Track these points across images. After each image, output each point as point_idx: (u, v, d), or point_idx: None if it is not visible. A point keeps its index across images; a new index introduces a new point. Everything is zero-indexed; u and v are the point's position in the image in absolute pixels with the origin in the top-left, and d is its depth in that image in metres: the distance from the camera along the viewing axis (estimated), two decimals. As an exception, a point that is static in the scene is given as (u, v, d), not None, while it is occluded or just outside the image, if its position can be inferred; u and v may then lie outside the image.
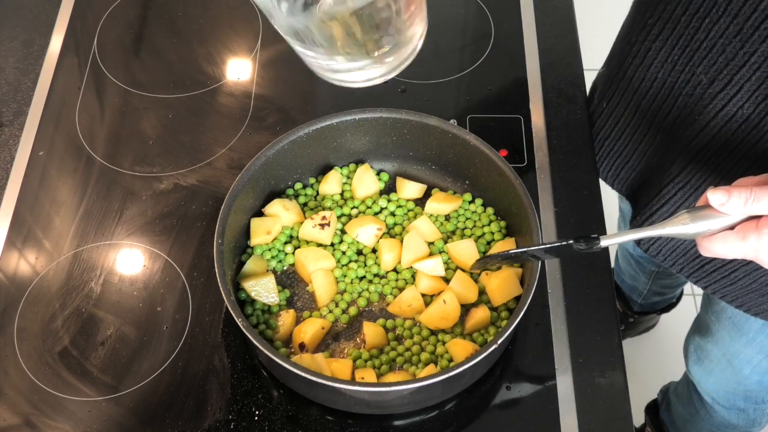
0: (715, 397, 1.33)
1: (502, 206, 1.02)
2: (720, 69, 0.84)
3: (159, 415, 0.92)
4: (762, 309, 1.03)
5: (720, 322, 1.19)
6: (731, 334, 1.18)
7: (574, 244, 0.79)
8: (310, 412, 0.92)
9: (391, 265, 0.99)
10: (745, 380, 1.23)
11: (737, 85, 0.83)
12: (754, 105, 0.82)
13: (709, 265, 1.02)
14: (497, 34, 1.26)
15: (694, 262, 1.03)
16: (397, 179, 1.06)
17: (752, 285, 0.99)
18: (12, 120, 1.16)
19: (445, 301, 0.93)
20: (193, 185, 1.10)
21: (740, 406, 1.31)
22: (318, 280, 0.97)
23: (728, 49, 0.82)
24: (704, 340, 1.26)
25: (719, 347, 1.22)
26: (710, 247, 0.70)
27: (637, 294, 1.67)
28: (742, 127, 0.85)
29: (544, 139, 1.14)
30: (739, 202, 0.67)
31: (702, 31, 0.84)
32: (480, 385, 0.94)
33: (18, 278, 1.02)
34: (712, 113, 0.87)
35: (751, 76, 0.81)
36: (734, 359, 1.21)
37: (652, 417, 1.64)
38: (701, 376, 1.32)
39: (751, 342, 1.15)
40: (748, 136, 0.85)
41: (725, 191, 0.67)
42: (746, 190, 0.67)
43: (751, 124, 0.84)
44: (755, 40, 0.78)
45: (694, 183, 0.95)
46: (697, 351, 1.29)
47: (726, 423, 1.37)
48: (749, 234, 0.67)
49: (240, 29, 1.27)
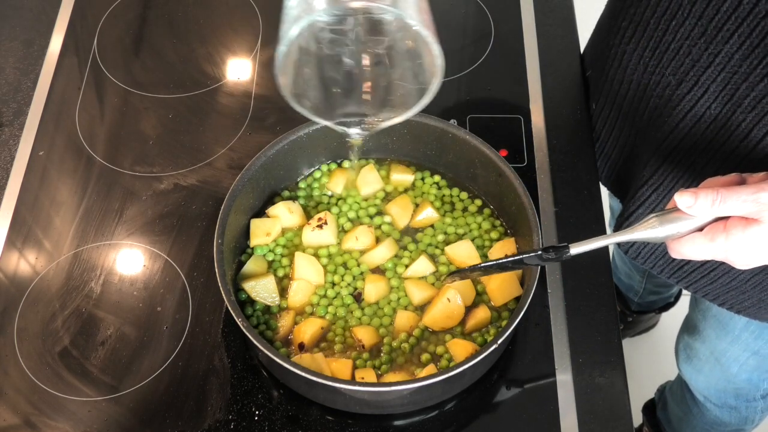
0: (707, 395, 1.34)
1: (502, 206, 1.02)
2: (687, 70, 0.84)
3: (159, 415, 0.92)
4: (744, 306, 1.03)
5: (706, 320, 1.20)
6: (717, 333, 1.18)
7: (543, 254, 0.79)
8: (310, 412, 0.92)
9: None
10: (734, 378, 1.23)
11: (704, 86, 0.83)
12: (720, 105, 0.83)
13: (687, 266, 1.02)
14: (497, 34, 1.26)
15: (673, 264, 1.04)
16: (392, 165, 1.06)
17: (732, 283, 1.00)
18: (12, 120, 1.16)
19: (449, 299, 0.93)
20: (193, 185, 1.10)
21: (732, 404, 1.31)
22: (301, 269, 0.97)
23: (694, 50, 0.82)
24: (692, 339, 1.26)
25: (707, 345, 1.23)
26: (679, 249, 0.71)
27: (634, 293, 1.67)
28: (710, 127, 0.86)
29: (544, 139, 1.14)
30: (706, 203, 0.67)
31: (669, 33, 0.85)
32: (480, 385, 0.94)
33: (18, 278, 1.02)
34: (682, 114, 0.87)
35: (716, 76, 0.82)
36: (722, 357, 1.21)
37: (649, 416, 1.65)
38: (691, 374, 1.33)
39: (737, 340, 1.15)
40: (716, 135, 0.85)
41: (692, 194, 0.68)
42: (713, 192, 0.67)
43: (719, 123, 0.84)
44: (719, 41, 0.79)
45: (668, 184, 0.95)
46: (686, 350, 1.30)
47: (719, 421, 1.37)
48: (717, 235, 0.68)
49: (240, 29, 1.27)
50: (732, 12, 0.76)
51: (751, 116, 0.82)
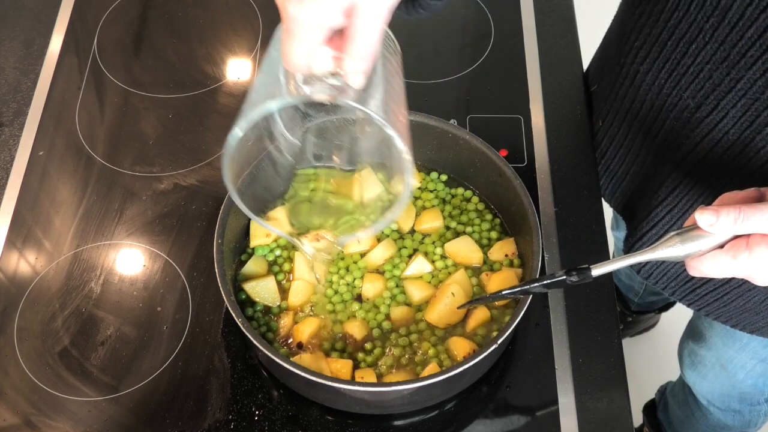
0: (711, 399, 1.33)
1: (502, 206, 1.02)
2: (707, 94, 0.83)
3: (159, 415, 0.92)
4: (757, 327, 1.02)
5: (713, 328, 1.19)
6: (724, 341, 1.17)
7: (567, 278, 0.77)
8: (310, 412, 0.92)
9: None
10: (740, 384, 1.23)
11: (723, 111, 0.82)
12: (740, 131, 0.82)
13: (700, 289, 1.01)
14: (497, 34, 1.26)
15: (685, 286, 1.02)
16: None
17: (746, 305, 0.98)
18: (12, 120, 1.16)
19: (453, 293, 0.93)
20: (193, 185, 1.10)
21: (735, 407, 1.31)
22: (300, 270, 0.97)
23: (715, 74, 0.81)
24: (698, 346, 1.26)
25: (713, 353, 1.22)
26: (700, 267, 0.69)
27: (634, 293, 1.67)
28: (728, 152, 0.84)
29: (544, 139, 1.14)
30: (728, 222, 0.66)
31: (689, 56, 0.83)
32: (480, 385, 0.94)
33: (18, 278, 1.02)
34: (699, 137, 0.86)
35: (737, 102, 0.80)
36: (728, 364, 1.20)
37: (649, 417, 1.64)
38: (696, 380, 1.32)
39: (744, 348, 1.15)
40: (734, 160, 0.84)
41: (714, 212, 0.66)
42: (735, 210, 0.66)
43: (738, 147, 0.83)
44: (741, 66, 0.78)
45: (683, 206, 0.94)
46: (691, 356, 1.29)
47: (721, 424, 1.37)
48: (740, 253, 0.66)
49: (240, 29, 1.27)
50: (757, 39, 0.75)
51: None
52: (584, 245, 1.05)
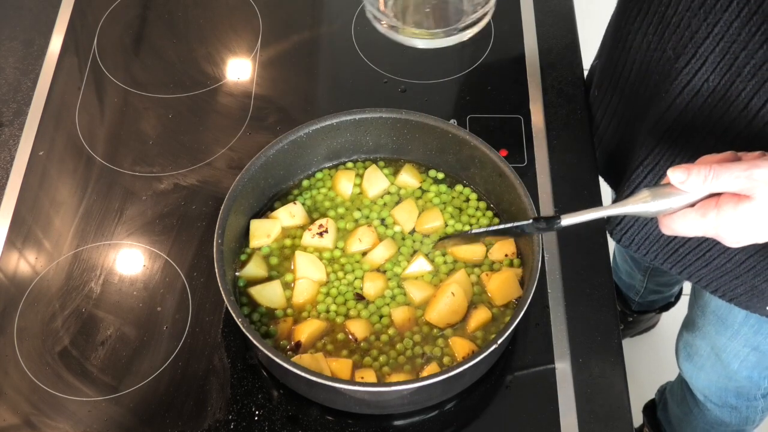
0: (707, 394, 1.33)
1: (502, 206, 1.02)
2: (686, 43, 0.84)
3: (159, 415, 0.92)
4: (736, 294, 1.03)
5: (705, 316, 1.19)
6: (716, 328, 1.18)
7: (534, 223, 0.79)
8: (310, 412, 0.92)
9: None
10: (735, 375, 1.23)
11: (702, 57, 0.83)
12: (719, 76, 0.83)
13: (682, 248, 1.02)
14: (497, 34, 1.26)
15: (667, 248, 1.03)
16: (405, 166, 1.06)
17: (726, 265, 0.99)
18: (12, 120, 1.16)
19: (453, 293, 0.93)
20: (193, 185, 1.10)
21: (732, 403, 1.31)
22: (302, 268, 0.97)
23: (693, 22, 0.82)
24: (692, 336, 1.26)
25: (707, 342, 1.22)
26: (671, 224, 0.71)
27: (635, 292, 1.67)
28: (709, 100, 0.86)
29: (544, 139, 1.14)
30: (699, 179, 0.68)
31: (671, 7, 0.85)
32: (480, 385, 0.94)
33: (18, 278, 1.02)
34: (679, 87, 0.87)
35: (714, 47, 0.82)
36: (722, 353, 1.21)
37: (649, 417, 1.65)
38: (692, 373, 1.33)
39: (736, 335, 1.15)
40: (715, 108, 0.85)
41: (685, 169, 0.69)
42: (705, 168, 0.68)
43: (718, 95, 0.84)
44: (717, 9, 0.79)
45: (663, 164, 0.95)
46: (687, 347, 1.30)
47: (719, 421, 1.37)
48: (709, 211, 0.69)
49: (240, 29, 1.27)
50: None
51: (751, 84, 0.81)
52: (584, 245, 1.05)
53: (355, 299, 0.96)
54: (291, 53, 1.24)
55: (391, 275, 0.98)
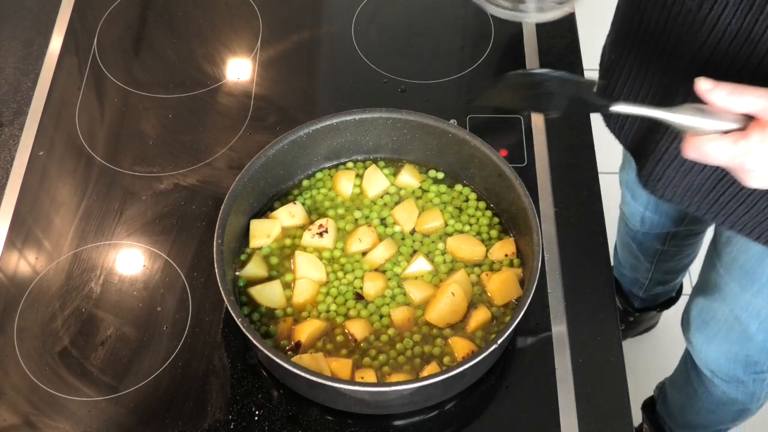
0: (715, 369, 1.32)
1: (502, 206, 1.02)
2: None
3: (159, 415, 0.92)
4: None
5: (730, 273, 1.18)
6: (742, 284, 1.16)
7: (598, 85, 0.81)
8: (310, 412, 0.92)
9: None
10: (751, 341, 1.22)
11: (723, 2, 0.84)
12: (741, 18, 0.83)
13: (723, 196, 1.02)
14: (497, 34, 1.26)
15: (709, 197, 1.03)
16: (404, 167, 1.06)
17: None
18: (12, 120, 1.16)
19: (453, 293, 0.93)
20: (193, 185, 1.10)
21: (740, 376, 1.30)
22: (302, 268, 0.97)
23: None
24: (710, 300, 1.24)
25: (727, 303, 1.21)
26: (701, 145, 0.73)
27: (639, 287, 1.66)
28: (734, 43, 0.86)
29: (544, 139, 1.14)
30: (723, 91, 0.71)
31: None
32: (480, 385, 0.94)
33: (18, 278, 1.02)
34: (704, 36, 0.87)
35: None
36: (743, 313, 1.19)
37: (648, 414, 1.64)
38: (703, 344, 1.31)
39: (762, 290, 1.14)
40: (740, 51, 0.86)
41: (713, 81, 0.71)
42: (732, 84, 0.71)
43: (742, 37, 0.85)
44: None
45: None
46: (702, 314, 1.28)
47: (725, 399, 1.36)
48: (740, 139, 0.71)
49: (240, 29, 1.27)
50: None
51: None
52: (584, 245, 1.05)
53: (355, 299, 0.96)
54: (291, 53, 1.24)
55: (391, 275, 0.98)
